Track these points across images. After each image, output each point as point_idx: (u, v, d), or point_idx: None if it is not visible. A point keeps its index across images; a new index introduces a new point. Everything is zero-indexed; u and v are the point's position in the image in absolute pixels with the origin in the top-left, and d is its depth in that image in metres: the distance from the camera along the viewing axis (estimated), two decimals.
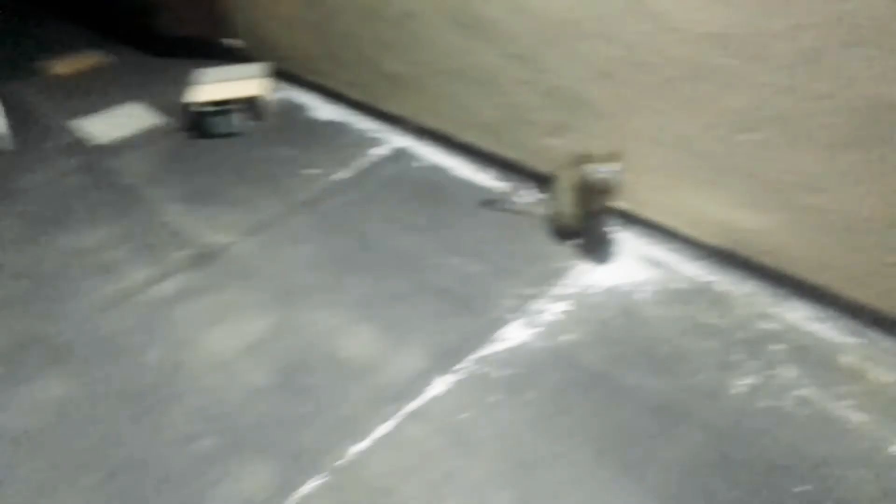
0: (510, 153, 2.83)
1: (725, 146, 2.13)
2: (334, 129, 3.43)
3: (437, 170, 3.04)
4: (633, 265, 2.42)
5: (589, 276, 2.38)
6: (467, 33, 2.68)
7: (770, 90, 1.95)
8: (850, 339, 2.06)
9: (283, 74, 3.80)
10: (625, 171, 2.26)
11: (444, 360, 2.12)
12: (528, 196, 2.80)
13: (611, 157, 2.25)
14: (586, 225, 2.43)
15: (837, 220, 1.99)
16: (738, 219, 2.21)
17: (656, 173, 2.35)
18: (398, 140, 3.26)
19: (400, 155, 3.16)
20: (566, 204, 2.45)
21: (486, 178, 2.94)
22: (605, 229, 2.49)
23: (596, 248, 2.47)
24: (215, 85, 3.57)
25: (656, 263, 2.41)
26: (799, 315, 2.15)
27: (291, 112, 3.61)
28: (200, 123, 3.44)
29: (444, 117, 3.02)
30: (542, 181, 2.74)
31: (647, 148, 2.33)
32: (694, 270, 2.36)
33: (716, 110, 2.09)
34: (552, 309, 2.26)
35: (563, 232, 2.53)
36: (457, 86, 2.86)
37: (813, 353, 2.03)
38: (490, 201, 2.76)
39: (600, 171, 2.24)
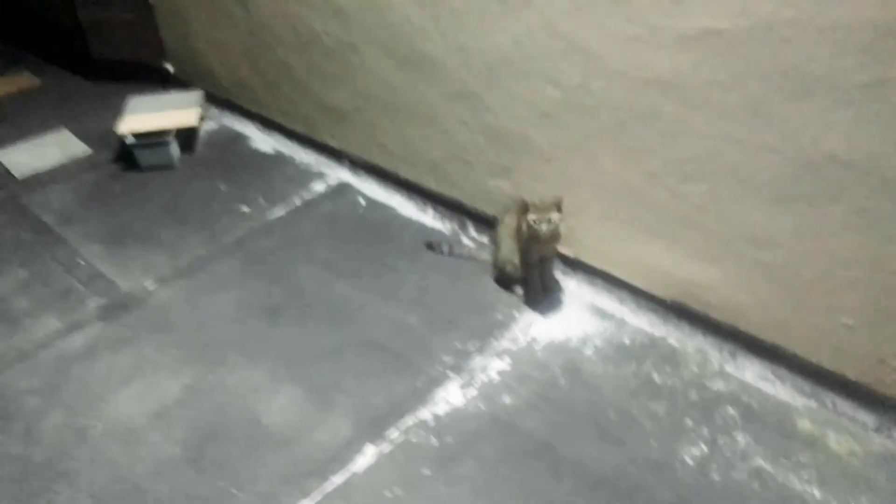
0: (454, 193, 2.69)
1: (672, 196, 2.01)
2: (272, 162, 3.25)
3: (379, 207, 2.88)
4: (579, 316, 2.28)
5: (533, 329, 2.24)
6: (408, 69, 2.54)
7: (715, 140, 1.84)
8: (806, 402, 1.95)
9: (220, 102, 3.61)
10: (568, 218, 2.13)
11: (373, 428, 1.95)
12: (472, 239, 2.65)
13: (554, 204, 2.11)
14: (529, 273, 2.29)
15: (788, 277, 1.88)
16: (688, 271, 2.09)
17: (603, 221, 2.23)
18: (339, 174, 3.10)
19: (341, 191, 3.00)
20: (508, 251, 2.31)
21: (430, 219, 2.79)
22: (549, 278, 2.36)
23: (540, 298, 2.33)
24: (147, 114, 3.37)
25: (604, 315, 2.28)
26: (752, 374, 2.04)
27: (228, 143, 3.43)
28: (130, 155, 3.23)
29: (386, 153, 2.87)
30: (487, 223, 2.60)
31: (592, 194, 2.20)
32: (643, 323, 2.24)
33: (660, 159, 1.98)
34: (493, 366, 2.11)
35: (506, 280, 2.39)
36: (399, 122, 2.71)
37: (768, 418, 1.92)
38: (433, 244, 2.61)
39: (542, 218, 2.10)
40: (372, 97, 2.76)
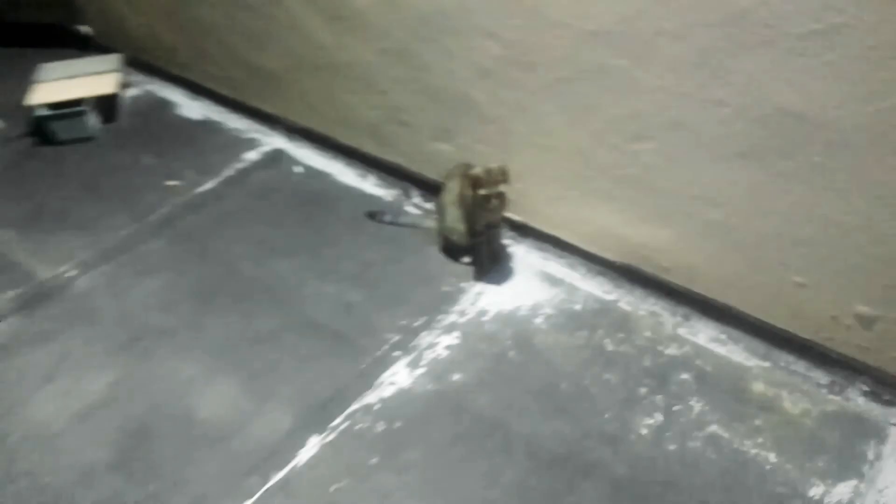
0: (396, 158, 2.54)
1: (620, 155, 1.91)
2: (202, 130, 3.03)
3: (316, 176, 2.72)
4: (528, 284, 2.19)
5: (481, 300, 2.14)
6: (338, 26, 2.36)
7: (663, 95, 1.74)
8: (760, 363, 1.91)
9: (144, 66, 3.36)
10: (515, 181, 2.01)
11: (316, 416, 1.84)
12: (416, 206, 2.52)
13: (499, 168, 1.99)
14: (476, 241, 2.18)
15: (739, 236, 1.81)
16: (638, 233, 2.00)
17: (550, 183, 2.12)
18: (274, 141, 2.91)
19: (276, 159, 2.82)
20: (453, 219, 2.19)
21: (371, 186, 2.64)
22: (497, 245, 2.25)
23: (488, 266, 2.22)
24: (62, 81, 3.11)
25: (554, 281, 2.19)
26: (706, 337, 1.98)
27: (153, 111, 3.19)
28: (44, 128, 2.97)
29: (322, 117, 2.69)
30: (431, 189, 2.47)
31: (538, 155, 2.09)
32: (594, 288, 2.16)
33: (606, 116, 1.86)
34: (441, 342, 2.01)
35: (452, 249, 2.27)
36: (332, 83, 2.54)
37: (722, 381, 1.87)
38: (375, 213, 2.47)
39: (493, 192, 1.98)
40: (302, 57, 2.57)
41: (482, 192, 1.98)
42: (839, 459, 1.68)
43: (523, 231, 2.29)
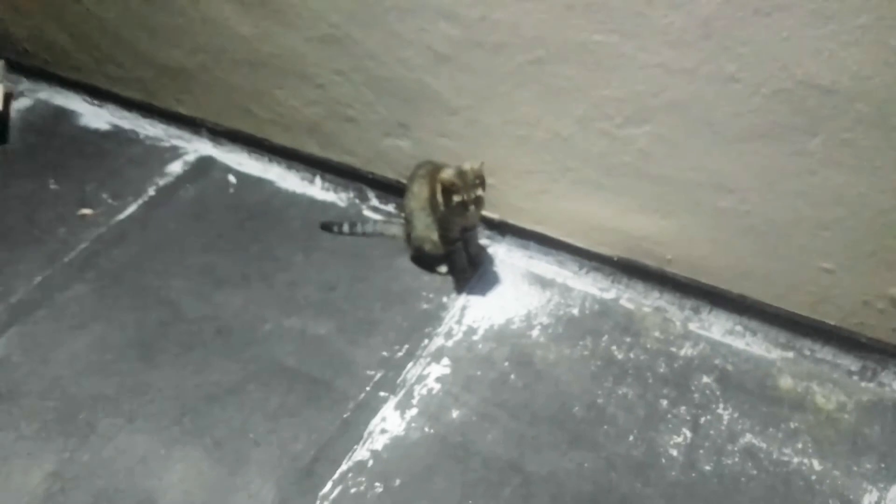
0: (344, 158, 2.24)
1: (610, 142, 1.67)
2: (113, 142, 2.63)
3: (254, 184, 2.39)
4: (517, 289, 1.96)
5: (468, 315, 1.90)
6: (258, 13, 2.01)
7: (660, 73, 1.50)
8: (783, 354, 1.75)
9: (31, 72, 2.88)
10: (487, 176, 1.76)
11: (302, 484, 1.59)
12: (374, 211, 2.24)
13: (473, 169, 1.73)
14: (453, 250, 1.93)
15: (754, 223, 1.62)
16: (636, 225, 1.79)
17: (528, 177, 1.87)
18: (198, 147, 2.55)
19: (203, 168, 2.47)
20: (423, 227, 1.92)
21: (319, 190, 2.34)
22: (475, 248, 2.00)
23: (469, 274, 1.98)
24: None
25: (544, 283, 1.97)
26: (720, 329, 1.81)
27: (50, 124, 2.75)
28: None
29: (251, 117, 2.35)
30: (391, 190, 2.19)
31: (513, 147, 1.83)
32: (590, 286, 1.95)
33: (592, 99, 1.62)
34: (430, 374, 1.78)
35: (424, 258, 2.01)
36: (259, 78, 2.19)
37: (747, 380, 1.70)
38: (330, 224, 2.17)
39: (470, 197, 1.72)
40: (218, 51, 2.21)
41: (457, 199, 1.72)
42: (886, 458, 1.54)
43: (501, 229, 2.04)
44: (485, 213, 1.96)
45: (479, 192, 1.72)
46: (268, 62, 2.12)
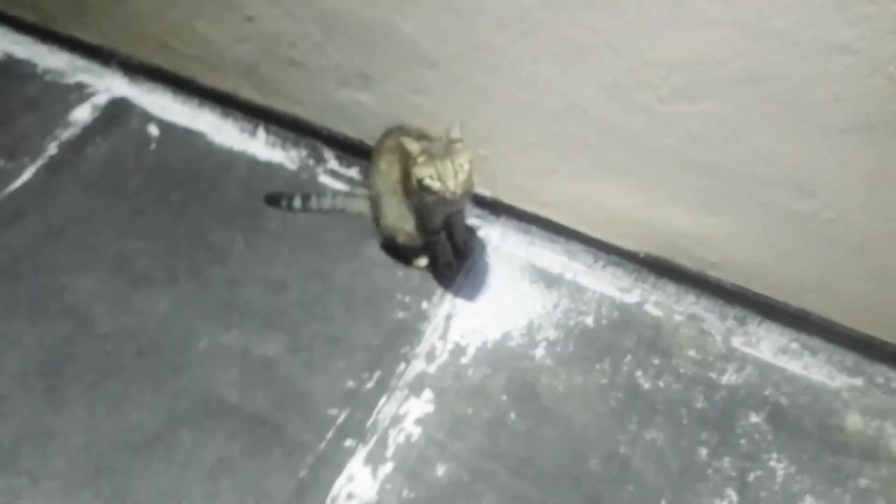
0: (292, 108, 1.75)
1: (649, 118, 1.21)
2: (2, 76, 2.08)
3: (182, 137, 1.90)
4: (515, 289, 1.56)
5: (454, 328, 1.51)
6: None
7: (735, 33, 1.02)
8: (850, 381, 1.40)
9: None
10: (477, 146, 1.31)
11: None
12: (333, 175, 1.78)
13: (450, 140, 1.27)
14: (434, 241, 1.50)
15: (840, 234, 1.21)
16: (672, 220, 1.37)
17: (531, 151, 1.42)
18: (111, 85, 2.02)
19: (118, 114, 1.96)
20: (395, 216, 1.48)
21: (263, 146, 1.86)
22: (462, 236, 1.58)
23: (454, 269, 1.57)
24: None
25: (550, 280, 1.57)
26: (771, 348, 1.44)
27: None
28: None
29: (172, 52, 1.82)
30: (351, 150, 1.72)
31: (513, 114, 1.37)
32: (607, 285, 1.55)
33: (629, 63, 1.15)
34: (409, 414, 1.41)
35: (399, 250, 1.58)
36: (169, 3, 1.65)
37: (805, 418, 1.35)
38: (277, 196, 1.72)
39: (445, 171, 1.26)
40: None
41: (426, 171, 1.26)
42: None
43: (494, 208, 1.60)
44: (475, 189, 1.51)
45: (462, 159, 1.26)
46: None
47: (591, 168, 1.37)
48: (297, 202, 1.69)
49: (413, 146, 1.27)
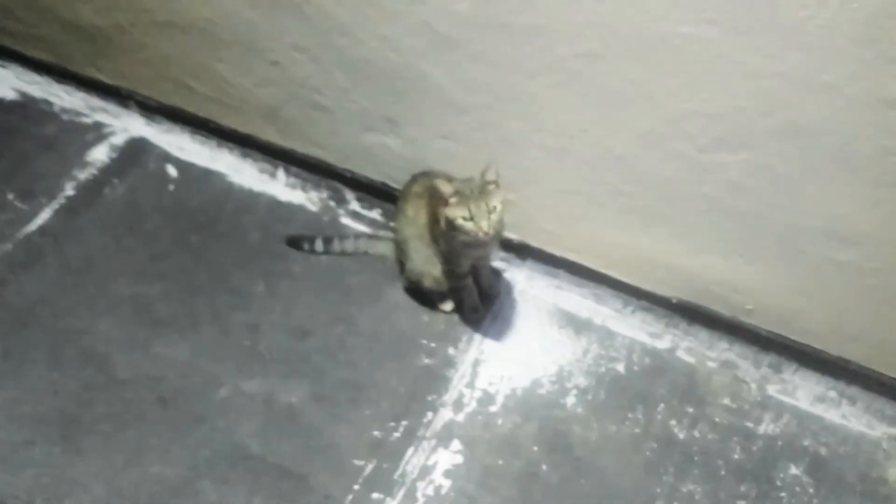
0: (314, 151, 1.73)
1: (687, 167, 1.20)
2: (18, 116, 2.07)
3: (201, 178, 1.88)
4: (544, 335, 1.54)
5: (481, 375, 1.48)
6: None
7: (780, 85, 1.01)
8: (890, 431, 1.37)
9: None
10: (509, 194, 1.29)
11: None
12: (355, 217, 1.76)
13: (484, 180, 1.25)
14: (462, 287, 1.48)
15: (882, 284, 1.19)
16: (706, 267, 1.36)
17: (563, 197, 1.41)
18: (129, 125, 2.01)
19: (136, 154, 1.94)
20: (422, 261, 1.46)
21: (282, 187, 1.84)
22: (489, 280, 1.55)
23: (481, 314, 1.54)
24: None
25: (578, 325, 1.54)
26: (808, 396, 1.42)
27: None
28: None
29: (191, 93, 1.82)
30: (373, 192, 1.70)
31: (545, 160, 1.36)
32: (637, 331, 1.53)
33: (667, 113, 1.14)
34: (438, 466, 1.37)
35: (423, 294, 1.56)
36: (191, 46, 1.66)
37: (846, 471, 1.33)
38: (298, 239, 1.69)
39: (479, 212, 1.24)
40: (140, 10, 1.65)
41: (459, 213, 1.24)
42: None
43: (521, 251, 1.58)
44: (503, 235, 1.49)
45: (494, 200, 1.24)
46: (201, 28, 1.57)
47: (624, 214, 1.35)
48: (319, 244, 1.67)
49: (446, 187, 1.26)
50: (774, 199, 1.17)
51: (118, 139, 1.98)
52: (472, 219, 1.24)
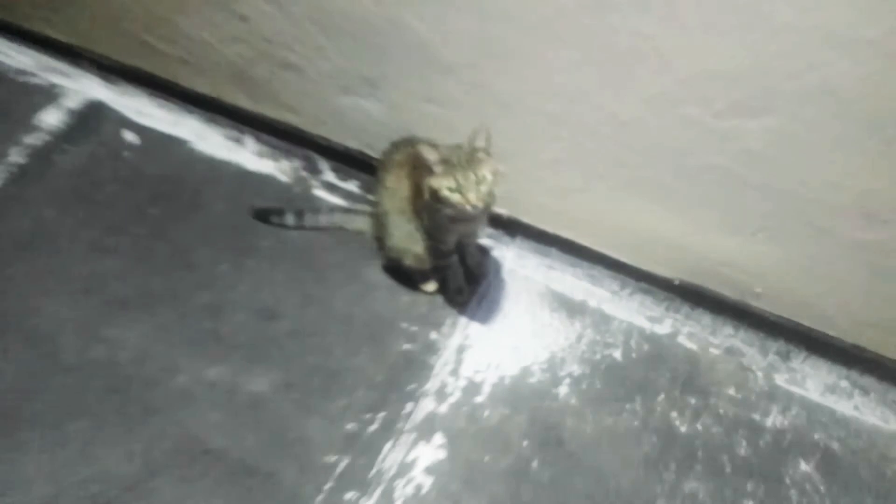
0: (283, 115, 1.58)
1: (700, 135, 1.08)
2: None
3: (162, 145, 1.73)
4: (534, 318, 1.42)
5: (466, 362, 1.36)
6: None
7: (814, 41, 0.89)
8: None
9: None
10: (500, 164, 1.16)
11: None
12: (329, 188, 1.62)
13: (472, 148, 1.12)
14: (446, 265, 1.35)
15: None
16: (714, 246, 1.25)
17: (559, 168, 1.28)
18: (85, 86, 1.85)
19: (92, 119, 1.78)
20: (403, 237, 1.33)
21: (251, 156, 1.70)
22: (476, 258, 1.43)
23: (466, 295, 1.42)
24: None
25: (572, 307, 1.42)
26: (818, 386, 1.32)
27: None
28: None
29: (151, 52, 1.65)
30: (349, 161, 1.57)
31: (539, 127, 1.23)
32: (635, 314, 1.41)
33: (681, 73, 1.01)
34: (418, 462, 1.25)
35: (404, 273, 1.43)
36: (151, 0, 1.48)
37: (860, 467, 1.24)
38: (267, 212, 1.55)
39: (467, 183, 1.11)
40: None
41: (446, 184, 1.11)
42: None
43: (510, 228, 1.46)
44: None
45: (485, 170, 1.11)
46: None
47: (625, 188, 1.23)
48: (290, 218, 1.54)
49: (431, 155, 1.12)
50: (796, 172, 1.05)
51: (71, 102, 1.82)
52: (458, 190, 1.11)
